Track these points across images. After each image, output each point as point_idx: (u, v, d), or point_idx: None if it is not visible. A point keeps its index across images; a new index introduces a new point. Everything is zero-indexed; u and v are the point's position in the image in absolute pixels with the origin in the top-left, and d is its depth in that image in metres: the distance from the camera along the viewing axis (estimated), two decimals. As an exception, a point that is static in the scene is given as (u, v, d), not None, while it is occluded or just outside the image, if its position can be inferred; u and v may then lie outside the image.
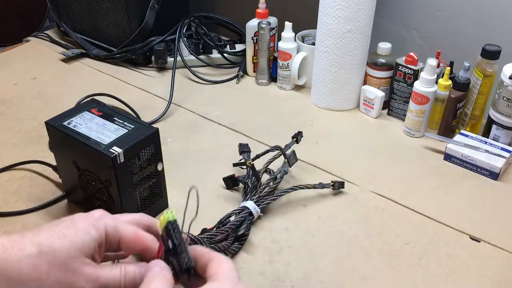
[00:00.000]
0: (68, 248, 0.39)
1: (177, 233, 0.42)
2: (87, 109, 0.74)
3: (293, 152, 0.84)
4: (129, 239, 0.44)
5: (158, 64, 1.19)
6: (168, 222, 0.42)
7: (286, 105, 1.09)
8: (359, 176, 0.87)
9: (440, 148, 0.93)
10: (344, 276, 0.68)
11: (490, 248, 0.73)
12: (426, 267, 0.70)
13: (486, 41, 0.91)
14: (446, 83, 0.93)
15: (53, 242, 0.39)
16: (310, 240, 0.74)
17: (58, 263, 0.39)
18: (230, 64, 1.22)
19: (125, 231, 0.44)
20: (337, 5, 0.94)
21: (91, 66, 1.23)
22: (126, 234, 0.44)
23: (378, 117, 1.04)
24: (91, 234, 0.41)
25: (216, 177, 0.84)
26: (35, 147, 0.93)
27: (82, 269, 0.40)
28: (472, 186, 0.85)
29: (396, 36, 1.12)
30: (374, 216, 0.79)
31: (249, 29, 1.14)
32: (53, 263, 0.38)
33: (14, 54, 1.29)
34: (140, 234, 0.44)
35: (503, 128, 0.90)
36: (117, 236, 0.44)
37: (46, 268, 0.38)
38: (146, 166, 0.71)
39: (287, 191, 0.79)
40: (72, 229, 0.41)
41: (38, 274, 0.38)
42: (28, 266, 0.38)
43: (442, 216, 0.78)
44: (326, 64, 1.02)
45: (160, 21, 1.18)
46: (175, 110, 1.06)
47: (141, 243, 0.44)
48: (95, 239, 0.42)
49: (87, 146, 0.67)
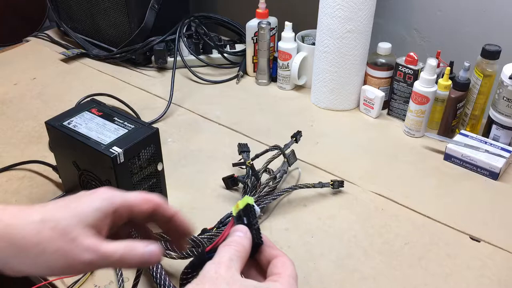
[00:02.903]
0: (69, 217, 0.40)
1: (253, 214, 0.44)
2: (87, 109, 0.74)
3: (293, 151, 0.84)
4: (137, 200, 0.44)
5: (158, 64, 1.19)
6: (248, 204, 0.44)
7: (286, 105, 1.09)
8: (359, 176, 0.87)
9: (440, 148, 0.93)
10: (344, 276, 0.68)
11: (490, 248, 0.73)
12: (426, 267, 0.70)
13: (486, 41, 0.91)
14: (446, 83, 0.93)
15: (56, 211, 0.41)
16: (310, 240, 0.74)
17: (59, 231, 0.39)
18: (230, 64, 1.22)
19: (131, 195, 0.44)
20: (337, 5, 0.94)
21: (91, 66, 1.23)
22: (133, 197, 0.44)
23: (378, 117, 1.04)
24: (94, 205, 0.42)
25: (216, 177, 0.84)
26: (35, 147, 0.93)
27: (82, 239, 0.40)
28: (472, 186, 0.85)
29: (396, 36, 1.12)
30: (374, 216, 0.79)
31: (249, 29, 1.14)
32: (54, 230, 0.39)
33: (14, 54, 1.29)
34: (146, 194, 0.45)
35: (503, 128, 0.90)
36: (124, 202, 0.44)
37: (49, 234, 0.39)
38: (146, 166, 0.71)
39: (287, 190, 0.79)
40: (75, 201, 0.42)
41: (40, 240, 0.39)
42: (31, 231, 0.39)
43: (442, 216, 0.78)
44: (326, 64, 1.02)
45: (160, 21, 1.18)
46: (175, 110, 1.06)
47: (150, 201, 0.45)
48: (99, 209, 0.42)
49: (87, 146, 0.67)
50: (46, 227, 0.40)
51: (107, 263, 0.41)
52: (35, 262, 0.40)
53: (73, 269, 0.40)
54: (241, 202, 0.45)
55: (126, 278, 0.67)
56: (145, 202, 0.44)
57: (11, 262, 0.40)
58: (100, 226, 0.42)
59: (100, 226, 0.42)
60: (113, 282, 0.67)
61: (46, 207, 0.42)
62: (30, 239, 0.39)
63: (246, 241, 0.42)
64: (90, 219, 0.41)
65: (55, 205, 0.42)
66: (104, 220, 0.42)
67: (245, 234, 0.43)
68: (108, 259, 0.41)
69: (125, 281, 0.67)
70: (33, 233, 0.39)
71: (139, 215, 0.45)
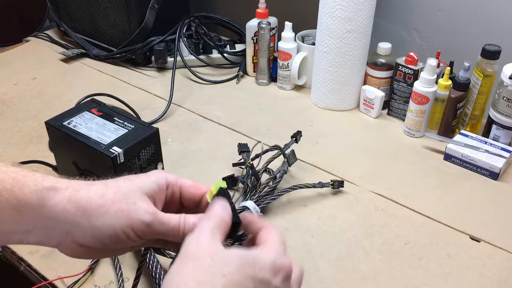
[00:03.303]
0: (129, 185, 0.44)
1: (228, 197, 0.45)
2: (87, 109, 0.74)
3: (292, 151, 0.84)
4: (189, 185, 0.48)
5: (158, 64, 1.19)
6: (221, 188, 0.45)
7: (286, 105, 1.09)
8: (359, 176, 0.87)
9: (440, 148, 0.93)
10: (344, 276, 0.68)
11: (490, 248, 0.73)
12: (426, 267, 0.70)
13: (486, 41, 0.91)
14: (446, 83, 0.93)
15: (118, 180, 0.45)
16: (310, 240, 0.74)
17: (121, 194, 0.43)
18: (230, 64, 1.22)
19: (184, 180, 0.48)
20: (337, 5, 0.94)
21: (91, 66, 1.23)
22: (186, 182, 0.48)
23: (378, 117, 1.04)
24: (151, 178, 0.45)
25: (216, 177, 0.84)
26: (35, 147, 0.93)
27: (141, 203, 0.43)
28: (472, 186, 0.85)
29: (396, 36, 1.12)
30: (374, 216, 0.79)
31: (249, 29, 1.14)
32: (116, 194, 0.43)
33: (14, 54, 1.29)
34: (197, 182, 0.48)
35: (503, 128, 0.90)
36: (178, 184, 0.47)
37: (111, 197, 0.43)
38: (146, 166, 0.71)
39: (287, 190, 0.79)
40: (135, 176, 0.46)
41: (104, 201, 0.42)
42: (96, 193, 0.43)
43: (442, 216, 0.78)
44: (326, 64, 1.02)
45: (160, 21, 1.18)
46: (175, 110, 1.06)
47: (199, 189, 0.47)
48: (155, 181, 0.45)
49: (87, 146, 0.67)
50: (109, 191, 0.43)
51: (163, 230, 0.43)
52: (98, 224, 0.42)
53: (133, 231, 0.42)
54: (214, 188, 0.45)
55: (126, 278, 0.67)
56: (194, 187, 0.47)
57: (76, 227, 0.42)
58: (156, 198, 0.45)
59: (155, 198, 0.45)
60: (113, 282, 0.67)
61: (108, 179, 0.45)
62: (95, 201, 0.42)
63: (225, 214, 0.43)
64: (148, 189, 0.44)
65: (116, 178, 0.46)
66: (159, 194, 0.45)
67: (224, 207, 0.44)
68: (164, 225, 0.43)
69: (125, 281, 0.67)
70: (98, 196, 0.43)
71: (188, 199, 0.47)
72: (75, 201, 0.42)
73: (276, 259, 0.40)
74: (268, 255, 0.40)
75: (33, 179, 0.42)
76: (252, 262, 0.39)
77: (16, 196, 0.41)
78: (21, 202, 0.41)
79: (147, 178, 0.45)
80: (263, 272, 0.39)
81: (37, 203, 0.41)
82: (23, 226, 0.42)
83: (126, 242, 0.43)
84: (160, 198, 0.46)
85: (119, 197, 0.43)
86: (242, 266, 0.38)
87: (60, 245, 0.43)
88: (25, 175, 0.42)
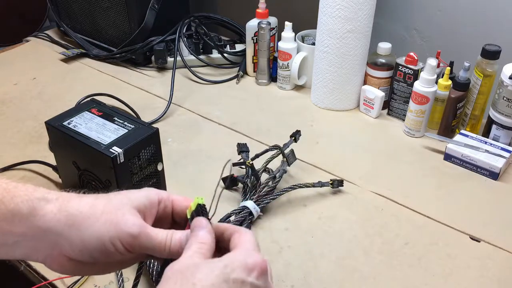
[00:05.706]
0: (120, 198, 0.45)
1: (206, 214, 0.45)
2: (87, 109, 0.74)
3: (292, 151, 0.84)
4: (179, 197, 0.48)
5: (158, 64, 1.19)
6: (198, 205, 0.45)
7: (286, 105, 1.09)
8: (359, 176, 0.87)
9: (440, 148, 0.93)
10: (344, 276, 0.68)
11: (490, 248, 0.73)
12: (426, 267, 0.70)
13: (486, 41, 0.91)
14: (446, 83, 0.93)
15: (109, 194, 0.45)
16: (310, 240, 0.74)
17: (111, 206, 0.43)
18: (230, 64, 1.22)
19: (176, 196, 0.48)
20: (337, 5, 0.94)
21: (91, 66, 1.23)
22: (177, 198, 0.48)
23: (378, 117, 1.04)
24: (142, 193, 0.46)
25: (216, 176, 0.84)
26: (35, 147, 0.93)
27: (130, 215, 0.43)
28: (472, 186, 0.85)
29: (396, 36, 1.12)
30: (374, 216, 0.79)
31: (249, 29, 1.14)
32: (106, 205, 0.43)
33: (14, 54, 1.29)
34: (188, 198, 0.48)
35: (503, 128, 0.90)
36: (170, 199, 0.47)
37: (101, 208, 0.43)
38: (146, 166, 0.71)
39: (286, 190, 0.79)
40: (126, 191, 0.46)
41: (93, 212, 0.43)
42: (86, 204, 0.43)
43: (442, 216, 0.78)
44: (326, 64, 1.02)
45: (160, 21, 1.18)
46: (175, 110, 1.06)
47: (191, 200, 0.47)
48: (147, 196, 0.46)
49: (87, 146, 0.67)
50: (100, 203, 0.44)
51: (149, 244, 0.43)
52: (87, 235, 0.42)
53: (121, 242, 0.42)
54: (193, 204, 0.45)
55: (126, 278, 0.67)
56: (186, 200, 0.48)
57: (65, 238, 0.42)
58: (146, 213, 0.45)
59: (146, 213, 0.45)
60: (113, 282, 0.67)
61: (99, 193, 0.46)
62: (85, 211, 0.43)
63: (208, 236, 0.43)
64: (138, 203, 0.45)
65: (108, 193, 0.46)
66: (150, 209, 0.45)
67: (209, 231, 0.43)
68: (151, 239, 0.43)
69: (125, 281, 0.67)
70: (88, 207, 0.43)
71: (180, 212, 0.47)
72: (65, 210, 0.42)
73: (247, 257, 0.40)
74: (239, 255, 0.41)
75: (24, 189, 0.43)
76: (223, 265, 0.39)
77: (7, 206, 0.41)
78: (12, 211, 0.41)
79: (138, 193, 0.46)
80: (235, 272, 0.39)
81: (28, 212, 0.42)
82: (12, 237, 0.42)
83: (114, 255, 0.43)
84: (151, 213, 0.46)
85: (109, 208, 0.43)
86: (212, 271, 0.38)
87: (47, 259, 0.43)
88: (16, 186, 0.43)
